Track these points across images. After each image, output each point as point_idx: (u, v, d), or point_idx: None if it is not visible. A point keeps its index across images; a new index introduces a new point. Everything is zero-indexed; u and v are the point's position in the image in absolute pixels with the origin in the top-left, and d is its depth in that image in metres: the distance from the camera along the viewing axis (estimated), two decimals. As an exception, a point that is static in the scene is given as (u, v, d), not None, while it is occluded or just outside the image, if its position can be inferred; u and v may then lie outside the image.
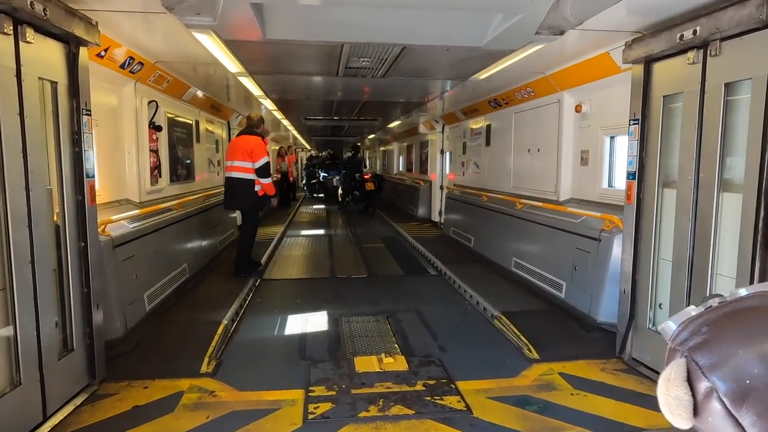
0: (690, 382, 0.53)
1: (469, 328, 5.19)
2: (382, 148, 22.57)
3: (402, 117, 11.52)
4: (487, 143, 8.66)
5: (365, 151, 31.37)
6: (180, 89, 6.72)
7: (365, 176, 16.96)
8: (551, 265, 5.74)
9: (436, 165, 12.62)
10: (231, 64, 5.27)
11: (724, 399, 0.49)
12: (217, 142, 9.57)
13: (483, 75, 5.89)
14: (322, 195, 19.80)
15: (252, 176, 6.71)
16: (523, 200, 6.78)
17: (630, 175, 4.08)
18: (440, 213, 12.43)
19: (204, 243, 7.24)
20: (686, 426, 0.53)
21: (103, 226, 4.11)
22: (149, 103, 5.72)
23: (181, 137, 7.16)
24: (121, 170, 5.35)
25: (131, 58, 4.89)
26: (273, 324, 5.18)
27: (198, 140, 8.02)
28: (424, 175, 13.90)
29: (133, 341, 4.30)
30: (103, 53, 4.39)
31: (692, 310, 0.59)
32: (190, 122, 7.63)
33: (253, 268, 7.12)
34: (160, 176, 6.15)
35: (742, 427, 0.49)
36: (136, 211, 4.85)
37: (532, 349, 4.41)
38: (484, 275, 7.13)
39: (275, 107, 9.21)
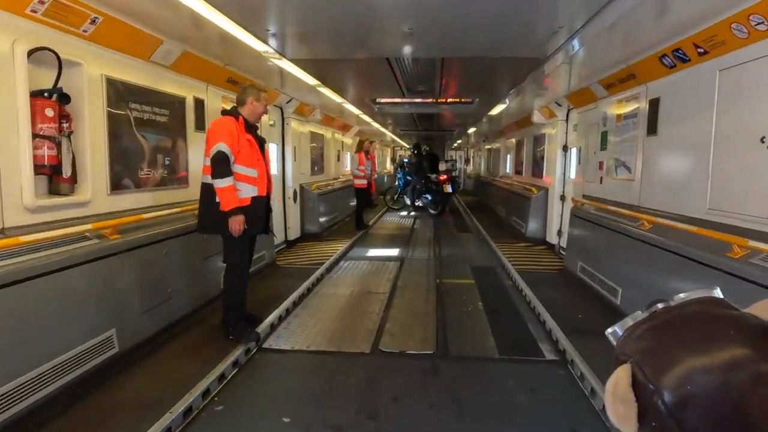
0: (635, 387, 0.53)
1: None
2: (486, 146, 19.14)
3: (508, 97, 8.23)
4: (651, 131, 5.17)
5: (469, 149, 28.03)
6: (139, 41, 4.22)
7: (441, 177, 14.12)
8: None
9: (555, 166, 9.15)
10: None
11: (667, 404, 0.51)
12: (249, 132, 7.09)
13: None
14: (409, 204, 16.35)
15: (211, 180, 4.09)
16: (751, 243, 3.32)
17: None
18: (559, 233, 8.96)
19: (178, 283, 4.69)
20: (631, 431, 0.54)
21: None
22: (32, 52, 3.21)
23: (153, 119, 4.67)
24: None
25: None
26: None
27: (200, 127, 5.53)
28: (537, 180, 10.44)
29: None
30: None
31: (639, 315, 0.60)
32: (180, 98, 5.15)
33: (248, 326, 4.44)
34: (76, 182, 3.66)
35: (684, 431, 0.51)
36: None
37: None
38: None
39: (318, 81, 6.48)
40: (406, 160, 17.39)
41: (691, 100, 4.41)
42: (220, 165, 3.98)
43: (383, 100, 7.80)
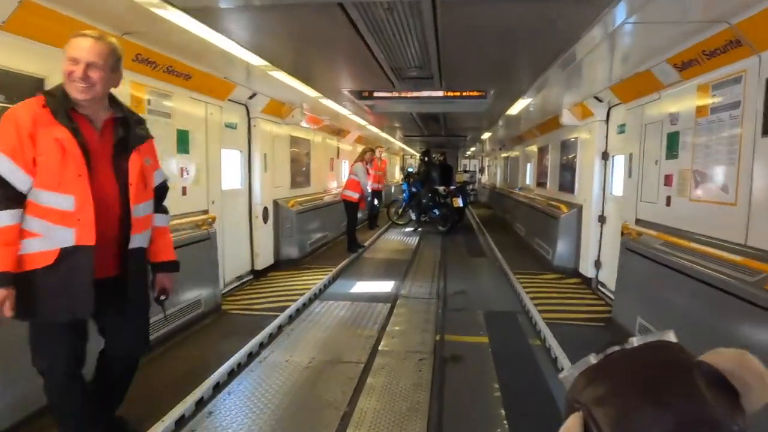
0: None
1: None
2: (503, 154, 17.20)
3: (529, 91, 6.34)
4: (773, 128, 3.25)
5: (484, 158, 26.02)
6: None
7: (448, 190, 12.43)
8: None
9: (591, 179, 7.22)
10: None
11: None
12: (185, 135, 5.29)
13: None
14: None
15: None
16: None
17: None
18: (597, 264, 7.02)
19: None
20: None
21: None
22: None
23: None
24: None
25: None
26: None
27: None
28: (566, 195, 8.51)
29: None
30: None
31: (592, 359, 0.60)
32: (30, 79, 3.38)
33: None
34: None
35: None
36: None
37: None
38: None
39: (267, 61, 4.64)
40: (411, 169, 15.52)
41: None
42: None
43: (368, 94, 5.96)
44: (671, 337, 0.60)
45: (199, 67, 5.14)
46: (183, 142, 5.22)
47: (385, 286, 7.11)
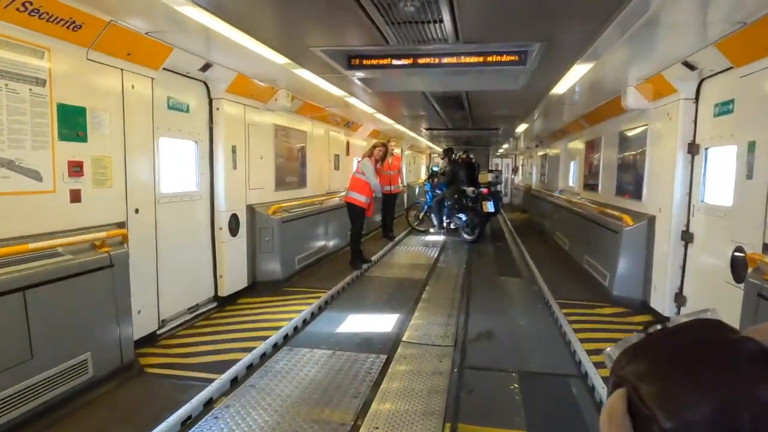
0: (631, 412, 0.51)
1: None
2: (539, 152, 15.08)
3: (589, 53, 4.38)
4: None
5: (518, 156, 23.78)
6: None
7: (477, 192, 10.63)
8: None
9: (669, 181, 5.23)
10: None
11: (666, 431, 0.47)
12: (77, 114, 3.60)
13: None
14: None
15: None
16: None
17: None
18: (678, 299, 5.04)
19: None
20: None
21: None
22: None
23: None
24: None
25: None
26: None
27: None
28: (628, 201, 6.51)
29: None
30: None
31: (634, 338, 0.57)
32: None
33: None
34: None
35: None
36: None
37: None
38: None
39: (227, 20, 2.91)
40: (436, 168, 13.67)
41: None
42: None
43: (358, 61, 4.17)
44: (715, 314, 0.54)
45: (96, 13, 3.45)
46: (72, 124, 3.53)
47: (386, 323, 5.31)
